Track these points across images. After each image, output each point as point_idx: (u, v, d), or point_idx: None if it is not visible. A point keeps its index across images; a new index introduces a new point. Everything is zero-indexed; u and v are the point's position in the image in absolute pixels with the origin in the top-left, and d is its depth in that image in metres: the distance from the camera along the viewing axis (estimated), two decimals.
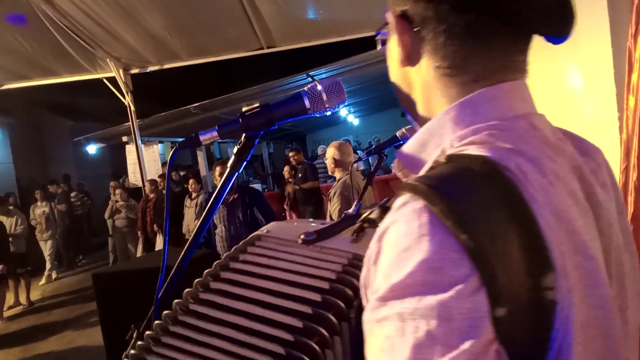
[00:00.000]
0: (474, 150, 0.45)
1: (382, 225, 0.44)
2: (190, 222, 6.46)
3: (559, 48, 0.56)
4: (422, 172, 0.47)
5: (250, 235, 0.60)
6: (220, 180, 0.71)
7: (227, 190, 0.65)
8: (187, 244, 0.74)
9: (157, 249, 6.48)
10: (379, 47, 0.63)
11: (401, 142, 1.93)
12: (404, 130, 1.91)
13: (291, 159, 6.85)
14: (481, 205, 0.40)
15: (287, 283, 0.51)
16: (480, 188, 0.41)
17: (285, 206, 6.80)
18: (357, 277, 0.48)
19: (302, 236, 0.58)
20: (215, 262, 0.55)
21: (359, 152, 11.66)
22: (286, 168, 6.87)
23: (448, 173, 0.43)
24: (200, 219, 0.73)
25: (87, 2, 4.00)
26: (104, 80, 5.31)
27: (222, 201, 3.09)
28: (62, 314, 6.02)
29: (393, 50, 0.56)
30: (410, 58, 0.53)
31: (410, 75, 0.55)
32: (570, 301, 0.39)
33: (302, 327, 0.48)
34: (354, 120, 21.14)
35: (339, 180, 3.28)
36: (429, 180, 0.42)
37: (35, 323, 5.86)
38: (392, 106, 19.88)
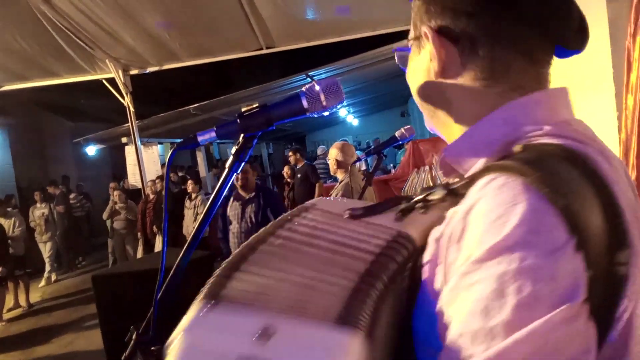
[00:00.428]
0: (548, 140, 0.48)
1: (466, 203, 0.45)
2: (190, 224, 6.46)
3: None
4: (481, 165, 0.51)
5: (297, 207, 0.59)
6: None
7: (224, 191, 0.65)
8: (185, 245, 0.74)
9: (156, 250, 6.48)
10: (396, 61, 0.65)
11: (400, 142, 1.93)
12: (402, 130, 1.91)
13: (290, 159, 6.84)
14: (570, 180, 0.43)
15: (330, 251, 0.50)
16: (566, 167, 0.44)
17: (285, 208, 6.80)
18: (399, 254, 0.49)
19: (348, 211, 0.57)
20: (261, 230, 0.53)
21: (358, 152, 11.66)
22: (285, 168, 6.86)
23: (533, 155, 0.46)
24: (199, 220, 0.73)
25: (86, 3, 3.99)
26: (104, 81, 5.30)
27: (239, 198, 3.12)
28: (61, 316, 6.01)
29: (422, 63, 0.58)
30: (448, 71, 0.56)
31: (444, 86, 0.57)
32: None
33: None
34: (353, 120, 21.15)
35: (341, 182, 3.28)
36: (515, 160, 0.45)
37: (34, 325, 5.85)
38: (391, 106, 19.93)
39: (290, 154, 6.90)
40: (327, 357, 0.37)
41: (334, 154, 3.31)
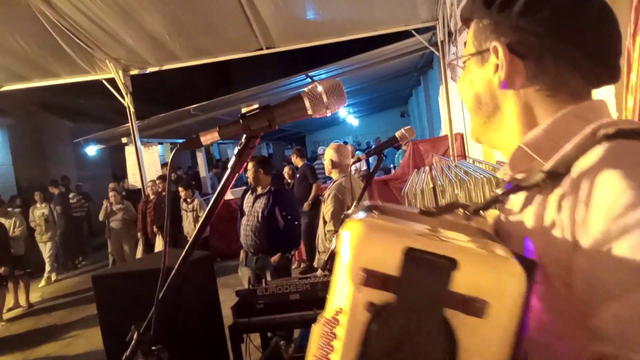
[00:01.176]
0: (630, 125, 0.56)
1: (591, 167, 0.53)
2: (189, 227, 6.45)
3: None
4: (567, 151, 0.58)
5: (362, 205, 0.62)
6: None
7: (227, 191, 0.65)
8: (187, 246, 0.74)
9: (156, 250, 6.48)
10: (459, 72, 0.73)
11: (401, 143, 1.93)
12: (403, 131, 1.91)
13: (293, 161, 6.84)
14: None
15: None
16: None
17: None
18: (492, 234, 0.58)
19: (421, 208, 0.63)
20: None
21: (358, 152, 11.66)
22: (286, 169, 6.86)
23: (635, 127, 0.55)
24: (201, 221, 0.73)
25: (86, 3, 4.00)
26: (104, 81, 5.31)
27: (253, 192, 3.15)
28: (61, 316, 6.01)
29: (484, 75, 0.67)
30: (513, 82, 0.64)
31: (505, 96, 0.66)
32: None
33: None
34: (353, 120, 21.15)
35: (335, 182, 3.28)
36: (622, 134, 0.54)
37: (34, 325, 5.85)
38: (391, 107, 19.95)
39: (292, 156, 6.90)
40: None
41: (329, 154, 3.33)
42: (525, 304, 0.48)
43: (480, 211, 0.66)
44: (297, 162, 6.47)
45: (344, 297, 0.50)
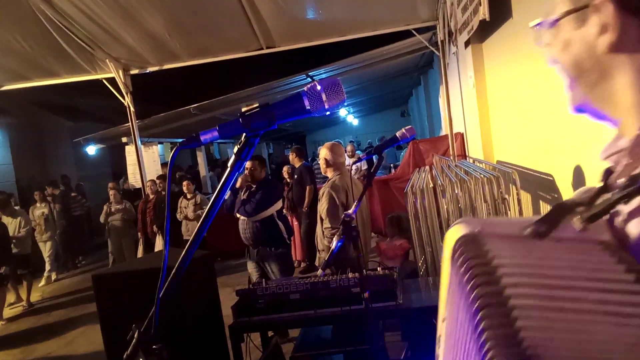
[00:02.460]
0: None
1: None
2: (189, 223, 6.47)
3: None
4: None
5: (457, 239, 0.48)
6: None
7: (227, 190, 0.65)
8: (187, 245, 0.74)
9: (156, 249, 6.48)
10: (546, 38, 0.59)
11: (401, 143, 1.93)
12: (403, 130, 1.91)
13: (291, 160, 6.81)
14: None
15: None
16: None
17: (284, 210, 6.78)
18: (631, 259, 0.44)
19: (529, 229, 0.48)
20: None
21: (358, 152, 11.65)
22: (285, 168, 6.84)
23: None
24: (201, 220, 0.73)
25: (86, 3, 4.00)
26: (104, 80, 5.31)
27: (247, 189, 3.25)
28: (61, 315, 6.02)
29: (585, 36, 0.54)
30: (623, 44, 0.52)
31: (615, 61, 0.53)
32: None
33: None
34: (353, 120, 21.15)
35: (329, 180, 3.30)
36: None
37: (35, 324, 5.86)
38: (392, 106, 19.94)
39: (290, 155, 6.87)
40: None
41: (323, 153, 3.36)
42: None
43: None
44: (295, 162, 6.43)
45: None
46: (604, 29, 0.52)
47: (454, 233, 0.51)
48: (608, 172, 0.57)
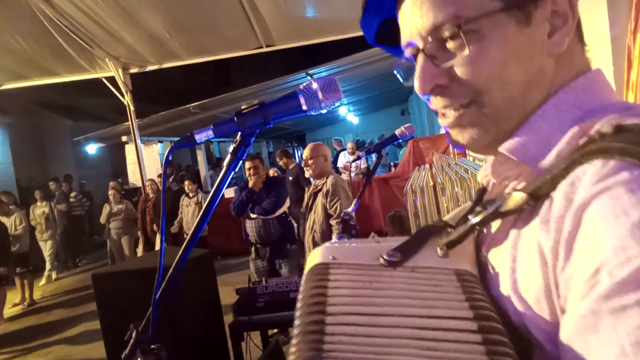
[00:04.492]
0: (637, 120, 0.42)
1: (578, 198, 0.38)
2: (190, 221, 6.49)
3: None
4: (558, 155, 0.45)
5: (310, 267, 0.49)
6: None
7: (223, 188, 0.65)
8: (184, 243, 0.74)
9: (157, 248, 6.49)
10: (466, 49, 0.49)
11: (400, 141, 1.93)
12: (402, 128, 1.91)
13: (280, 164, 6.62)
14: None
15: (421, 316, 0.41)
16: None
17: None
18: (479, 296, 0.43)
19: (383, 256, 0.48)
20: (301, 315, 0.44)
21: (357, 151, 11.63)
22: (271, 171, 6.72)
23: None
24: (198, 218, 0.73)
25: (86, 2, 3.99)
26: (103, 79, 5.30)
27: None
28: (62, 314, 6.02)
29: (531, 36, 0.48)
30: (562, 45, 0.49)
31: (550, 66, 0.49)
32: None
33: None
34: (353, 119, 21.13)
35: (330, 176, 3.30)
36: (634, 149, 0.37)
37: (35, 323, 5.86)
38: (392, 104, 19.92)
39: (278, 159, 6.57)
40: None
41: (324, 150, 3.41)
42: None
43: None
44: (289, 163, 6.32)
45: None
46: (554, 28, 0.50)
47: (311, 260, 0.50)
48: (483, 191, 0.58)
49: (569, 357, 0.37)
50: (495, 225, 0.50)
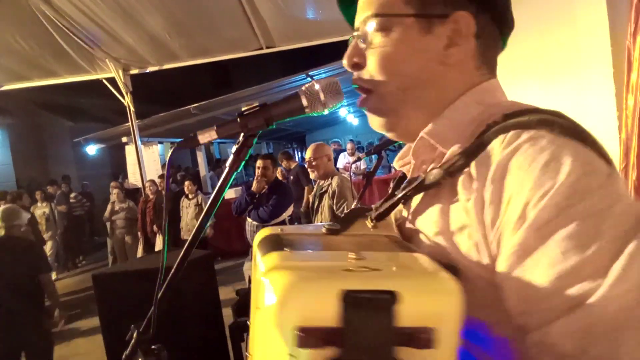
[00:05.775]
0: (521, 107, 0.54)
1: (494, 162, 0.49)
2: (190, 222, 6.48)
3: (558, 47, 0.59)
4: (464, 140, 0.55)
5: (262, 238, 0.58)
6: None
7: (226, 190, 0.65)
8: (186, 244, 0.74)
9: (157, 249, 6.48)
10: (379, 38, 0.61)
11: (400, 142, 1.93)
12: None
13: (283, 164, 6.69)
14: (574, 130, 0.49)
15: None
16: (561, 122, 0.49)
17: None
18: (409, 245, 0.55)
19: (325, 226, 0.60)
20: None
21: (357, 152, 11.62)
22: (278, 173, 6.75)
23: (528, 114, 0.51)
24: (200, 219, 0.73)
25: (86, 3, 3.99)
26: (104, 80, 5.30)
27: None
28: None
29: (430, 43, 0.60)
30: (455, 58, 0.60)
31: (439, 71, 0.60)
32: None
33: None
34: (353, 120, 21.13)
35: (335, 177, 3.31)
36: (523, 119, 0.50)
37: None
38: None
39: (280, 161, 6.61)
40: None
41: (327, 151, 3.42)
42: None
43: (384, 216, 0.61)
44: (289, 164, 6.40)
45: None
46: (451, 42, 0.61)
47: (260, 235, 0.61)
48: (401, 178, 0.72)
49: (509, 285, 0.46)
50: (416, 200, 0.60)
